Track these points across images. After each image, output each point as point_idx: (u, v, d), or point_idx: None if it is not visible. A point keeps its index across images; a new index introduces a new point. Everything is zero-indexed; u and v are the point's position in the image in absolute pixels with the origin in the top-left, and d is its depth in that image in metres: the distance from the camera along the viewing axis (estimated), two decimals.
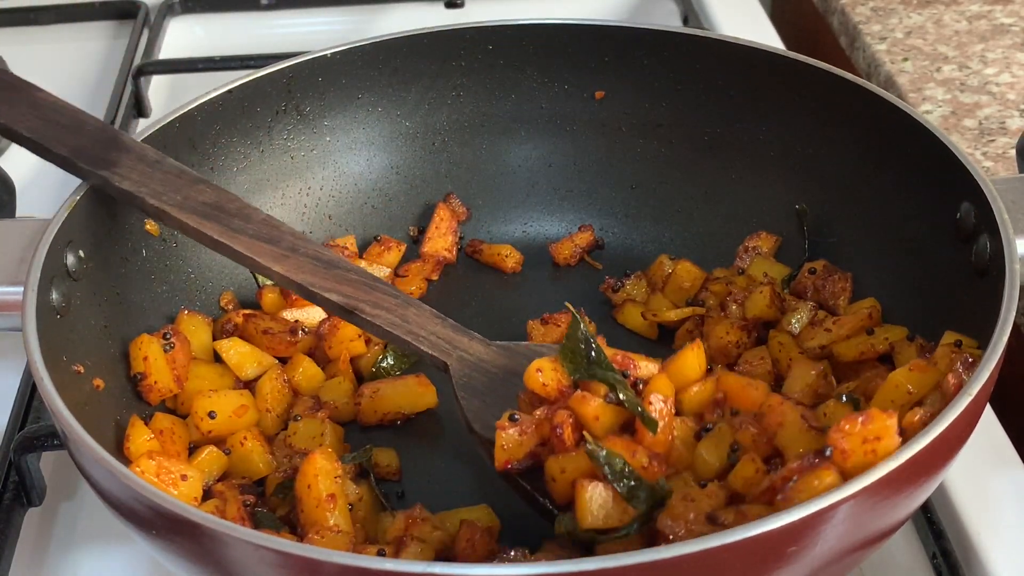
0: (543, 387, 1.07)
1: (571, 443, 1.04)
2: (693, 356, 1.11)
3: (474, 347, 1.18)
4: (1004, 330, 1.00)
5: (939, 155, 1.20)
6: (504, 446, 1.06)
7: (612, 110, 1.49)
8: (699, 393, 1.11)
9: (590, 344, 1.07)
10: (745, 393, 1.10)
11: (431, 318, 1.18)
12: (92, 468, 0.97)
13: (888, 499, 0.91)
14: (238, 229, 1.17)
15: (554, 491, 1.04)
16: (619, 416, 1.05)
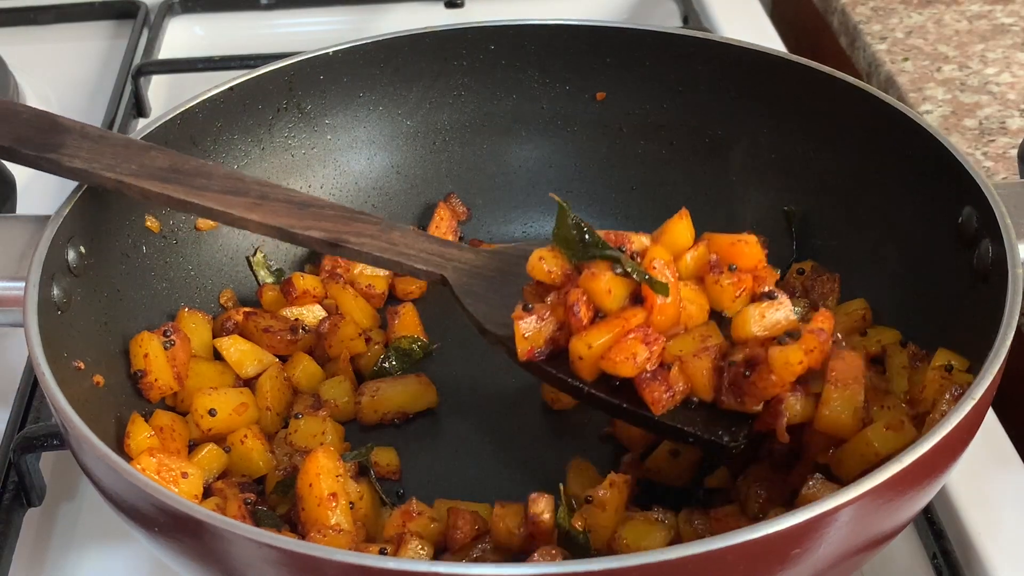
0: (548, 274, 1.09)
1: (588, 320, 1.06)
2: (682, 224, 1.14)
3: (465, 256, 1.20)
4: (1007, 335, 0.99)
5: (940, 159, 1.20)
6: (524, 335, 1.08)
7: (613, 111, 1.49)
8: (695, 258, 1.13)
9: (581, 228, 1.08)
10: (737, 249, 1.13)
11: (417, 237, 1.20)
12: (94, 464, 0.97)
13: (891, 502, 0.91)
14: (202, 187, 1.17)
15: (581, 369, 1.07)
16: (628, 287, 1.07)
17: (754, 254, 1.13)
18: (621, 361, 1.04)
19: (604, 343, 1.05)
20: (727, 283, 1.11)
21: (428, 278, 1.19)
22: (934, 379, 1.09)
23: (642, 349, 1.05)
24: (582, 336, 1.06)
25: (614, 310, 1.06)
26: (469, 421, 1.27)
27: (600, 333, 1.05)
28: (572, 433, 1.25)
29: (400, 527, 1.10)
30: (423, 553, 1.07)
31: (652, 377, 1.05)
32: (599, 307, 1.07)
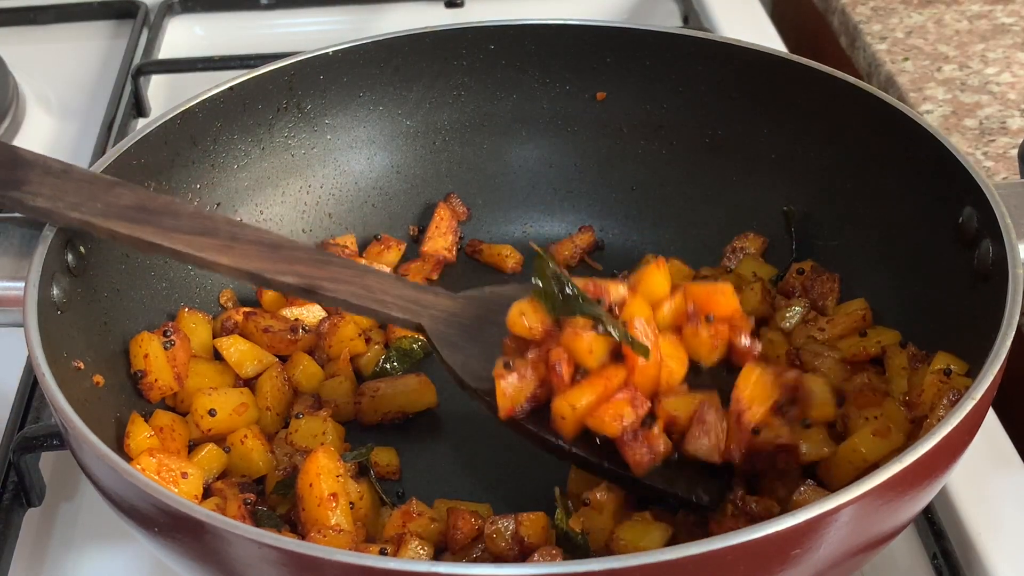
0: (529, 330, 1.08)
1: (569, 378, 1.06)
2: (658, 273, 1.13)
3: (441, 303, 1.17)
4: (1007, 335, 0.99)
5: (941, 159, 1.19)
6: (506, 393, 1.07)
7: (613, 111, 1.49)
8: (672, 309, 1.13)
9: (562, 281, 1.07)
10: (713, 299, 1.13)
11: (393, 282, 1.18)
12: (93, 464, 0.97)
13: (891, 503, 0.91)
14: (171, 228, 1.12)
15: (564, 429, 1.06)
16: (609, 344, 1.06)
17: (730, 304, 1.14)
18: (608, 421, 1.05)
19: (587, 403, 1.05)
20: (705, 335, 1.12)
21: (404, 326, 1.17)
22: (932, 383, 1.09)
23: (629, 411, 1.05)
24: (566, 396, 1.05)
25: (595, 368, 1.06)
26: (469, 421, 1.27)
27: (583, 393, 1.05)
28: None
29: (400, 527, 1.10)
30: (423, 553, 1.07)
31: (634, 438, 1.06)
32: (580, 364, 1.06)
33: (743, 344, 1.14)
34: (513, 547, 1.06)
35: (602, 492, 1.09)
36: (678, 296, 1.13)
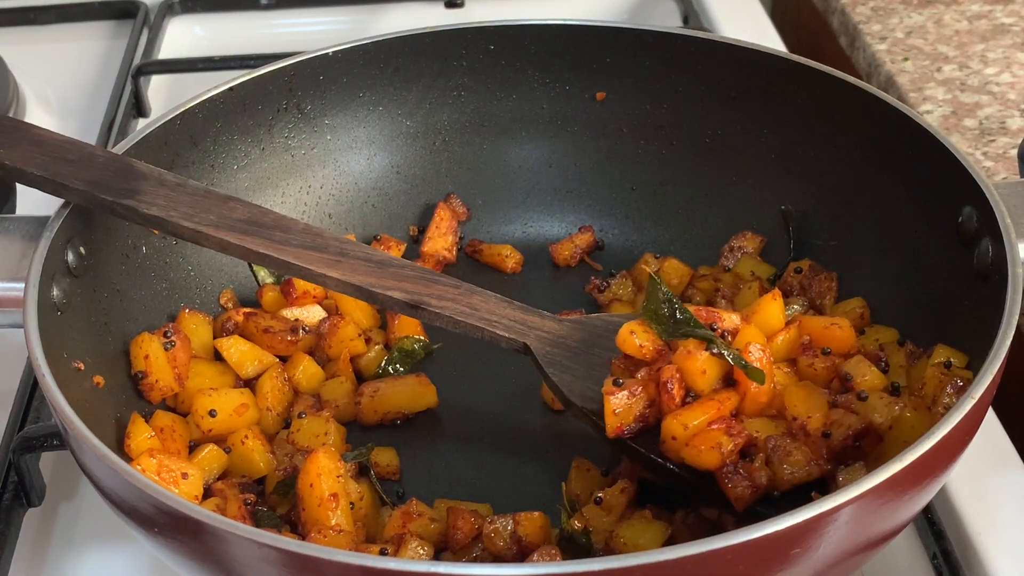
0: (639, 349, 1.08)
1: (679, 399, 1.05)
2: (775, 305, 1.13)
3: (547, 324, 1.18)
4: (1007, 334, 0.99)
5: (940, 159, 1.19)
6: (615, 411, 1.06)
7: (613, 111, 1.49)
8: (786, 340, 1.14)
9: (672, 303, 1.08)
10: (830, 333, 1.15)
11: (498, 303, 1.18)
12: (94, 465, 0.97)
13: (891, 502, 0.91)
14: (282, 241, 1.15)
15: (671, 449, 1.05)
16: (722, 368, 1.06)
17: (848, 338, 1.15)
18: (705, 451, 1.03)
19: (700, 424, 1.03)
20: (821, 367, 1.12)
21: (510, 345, 1.16)
22: (933, 375, 1.09)
23: (727, 440, 1.03)
24: (677, 415, 1.04)
25: (706, 391, 1.05)
26: (469, 421, 1.27)
27: (696, 414, 1.04)
28: (572, 433, 1.25)
29: (400, 527, 1.10)
30: (423, 553, 1.07)
31: (734, 471, 1.03)
32: (691, 387, 1.05)
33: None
34: (512, 547, 1.06)
35: (615, 492, 1.09)
36: (793, 329, 1.15)
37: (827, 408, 1.07)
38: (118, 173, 1.17)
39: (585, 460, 1.18)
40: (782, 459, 1.03)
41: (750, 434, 1.04)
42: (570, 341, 1.17)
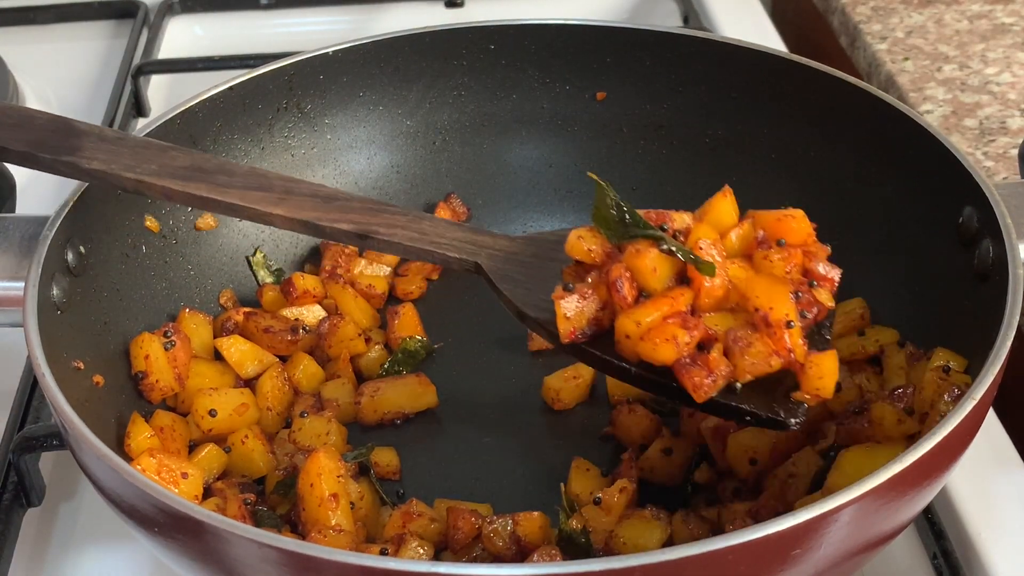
0: (588, 253, 1.07)
1: (632, 299, 1.04)
2: (726, 202, 1.11)
3: (499, 243, 1.18)
4: (1008, 335, 0.99)
5: (941, 159, 1.19)
6: (566, 315, 1.06)
7: (613, 111, 1.49)
8: (740, 236, 1.10)
9: (621, 207, 1.06)
10: (784, 224, 1.10)
11: (448, 226, 1.19)
12: (93, 465, 0.97)
13: (891, 503, 0.90)
14: (225, 184, 1.15)
15: (626, 349, 1.04)
16: (673, 267, 1.05)
17: (802, 228, 1.11)
18: (660, 345, 1.01)
19: (654, 320, 1.02)
20: (777, 258, 1.08)
21: (461, 266, 1.17)
22: (932, 380, 1.09)
23: (682, 334, 1.01)
24: (630, 314, 1.03)
25: (659, 289, 1.04)
26: (469, 421, 1.27)
27: (648, 311, 1.02)
28: (572, 433, 1.25)
29: (400, 527, 1.10)
30: (423, 553, 1.07)
31: (692, 362, 1.02)
32: (643, 286, 1.04)
33: (821, 271, 1.11)
34: (511, 546, 1.06)
35: (615, 493, 1.09)
36: (746, 224, 1.11)
37: (789, 298, 1.04)
38: (58, 132, 1.17)
39: (585, 460, 1.18)
40: (743, 350, 1.01)
41: (707, 327, 1.03)
42: (522, 256, 1.17)
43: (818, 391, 1.03)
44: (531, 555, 1.05)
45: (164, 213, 1.32)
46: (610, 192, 1.06)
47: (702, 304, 1.04)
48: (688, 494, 1.16)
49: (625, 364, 1.05)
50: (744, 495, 1.13)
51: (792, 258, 1.08)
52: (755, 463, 1.13)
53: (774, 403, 1.04)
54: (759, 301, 1.03)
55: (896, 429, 1.07)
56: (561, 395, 1.27)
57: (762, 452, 1.12)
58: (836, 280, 1.11)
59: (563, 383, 1.27)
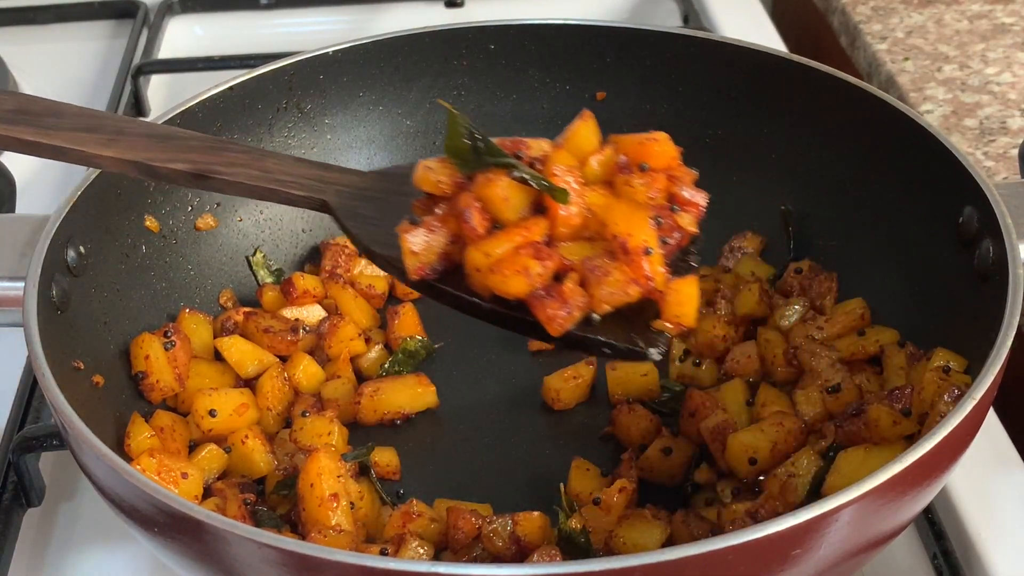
0: (437, 184, 1.01)
1: (484, 231, 0.98)
2: (586, 127, 1.06)
3: (347, 178, 1.12)
4: (1008, 335, 0.99)
5: (941, 159, 1.19)
6: (412, 250, 1.00)
7: (613, 111, 1.48)
8: (601, 161, 1.05)
9: (474, 135, 1.00)
10: (647, 148, 1.05)
11: (294, 163, 1.12)
12: (93, 465, 0.96)
13: (891, 503, 0.90)
14: (52, 127, 1.06)
15: (477, 283, 0.99)
16: (528, 196, 0.99)
17: (666, 152, 1.06)
18: (511, 276, 0.96)
19: (505, 251, 0.97)
20: (639, 184, 1.03)
21: (307, 204, 1.10)
22: (932, 380, 1.09)
23: (534, 264, 0.96)
24: (480, 245, 0.97)
25: (512, 219, 0.98)
26: (469, 421, 1.27)
27: (499, 242, 0.97)
28: (572, 433, 1.25)
29: (400, 527, 1.10)
30: (423, 553, 1.07)
31: (546, 294, 0.96)
32: (496, 217, 0.98)
33: (685, 195, 1.06)
34: (511, 546, 1.06)
35: (614, 493, 1.09)
36: (607, 149, 1.06)
37: (648, 224, 0.99)
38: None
39: (585, 460, 1.18)
40: (599, 279, 0.97)
41: (561, 257, 0.98)
42: (373, 192, 1.11)
43: (679, 319, 0.99)
44: (531, 555, 1.04)
45: (164, 213, 1.32)
46: (463, 121, 1.00)
47: (558, 234, 0.99)
48: (688, 494, 1.16)
49: (477, 299, 1.00)
50: (744, 495, 1.13)
51: (655, 183, 1.04)
52: (755, 463, 1.12)
53: (633, 334, 0.99)
54: (617, 228, 0.98)
55: (892, 430, 1.07)
56: (561, 395, 1.27)
57: (762, 452, 1.12)
58: (702, 205, 1.07)
59: (563, 383, 1.27)
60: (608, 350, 0.98)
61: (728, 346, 1.28)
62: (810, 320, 1.29)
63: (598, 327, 0.98)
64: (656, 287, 0.98)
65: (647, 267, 0.97)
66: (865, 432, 1.09)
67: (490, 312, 1.00)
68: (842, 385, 1.17)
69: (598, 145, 1.06)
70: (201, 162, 1.08)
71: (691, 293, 0.99)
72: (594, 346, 0.98)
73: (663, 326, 1.00)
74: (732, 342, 1.29)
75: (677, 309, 0.99)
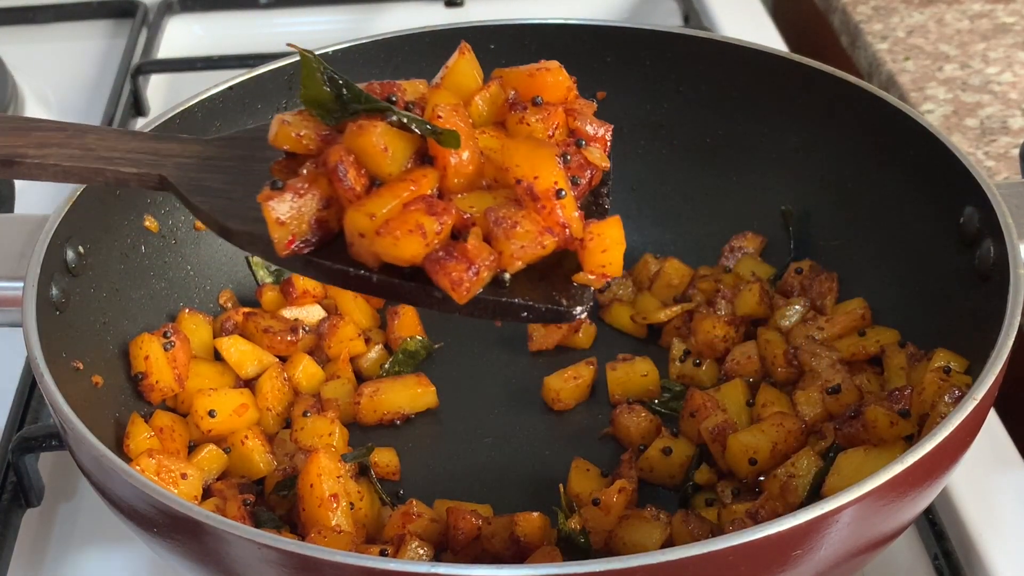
0: (299, 140, 0.88)
1: (361, 188, 0.85)
2: (464, 62, 0.93)
3: (189, 148, 0.99)
4: (1008, 335, 0.99)
5: (942, 159, 1.19)
6: (279, 219, 0.85)
7: (613, 111, 1.47)
8: (488, 99, 0.92)
9: (336, 81, 0.87)
10: (538, 80, 0.93)
11: (120, 136, 0.98)
12: (92, 465, 0.96)
13: (892, 503, 0.90)
14: None
15: (363, 251, 0.85)
16: (410, 144, 0.86)
17: (561, 82, 0.94)
18: (403, 238, 0.83)
19: (392, 210, 0.83)
20: (535, 120, 0.91)
21: (142, 183, 0.96)
22: (932, 381, 1.09)
23: (429, 221, 0.83)
24: (360, 206, 0.83)
25: (394, 173, 0.85)
26: (469, 421, 1.27)
27: (384, 200, 0.83)
28: (572, 433, 1.25)
29: (400, 528, 1.09)
30: (423, 554, 1.06)
31: (446, 256, 0.83)
32: (374, 172, 0.85)
33: (588, 130, 0.95)
34: (510, 547, 1.06)
35: (614, 493, 1.09)
36: (493, 85, 0.93)
37: (556, 163, 0.87)
38: None
39: (585, 460, 1.18)
40: (507, 232, 0.84)
41: (460, 211, 0.85)
42: (222, 161, 0.97)
43: (604, 268, 0.88)
44: (531, 556, 1.04)
45: (164, 213, 1.31)
46: (319, 64, 0.87)
47: (451, 185, 0.87)
48: (688, 494, 1.16)
49: (364, 272, 0.86)
50: (744, 496, 1.13)
51: (553, 117, 0.92)
52: (755, 463, 1.12)
53: (553, 291, 0.87)
54: (520, 170, 0.86)
55: (889, 431, 1.07)
56: (561, 395, 1.27)
57: (762, 452, 1.12)
58: (608, 138, 0.96)
59: (563, 383, 1.27)
60: (527, 313, 0.86)
61: (728, 346, 1.28)
62: (810, 320, 1.29)
63: (511, 288, 0.86)
64: (574, 234, 0.87)
65: (561, 212, 0.86)
66: (863, 434, 1.09)
67: (381, 284, 0.86)
68: (842, 386, 1.17)
69: (481, 81, 0.94)
70: (5, 146, 0.95)
71: (615, 236, 0.87)
72: (509, 311, 0.86)
73: (585, 279, 0.88)
74: (732, 342, 1.29)
75: (601, 257, 0.87)
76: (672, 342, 1.31)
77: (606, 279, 0.88)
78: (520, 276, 0.86)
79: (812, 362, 1.22)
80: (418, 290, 0.85)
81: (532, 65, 0.93)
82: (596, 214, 0.91)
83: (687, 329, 1.32)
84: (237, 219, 0.92)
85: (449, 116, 0.86)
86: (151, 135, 1.00)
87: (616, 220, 0.88)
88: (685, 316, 1.33)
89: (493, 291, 0.85)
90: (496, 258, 0.85)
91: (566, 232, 0.86)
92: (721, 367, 1.28)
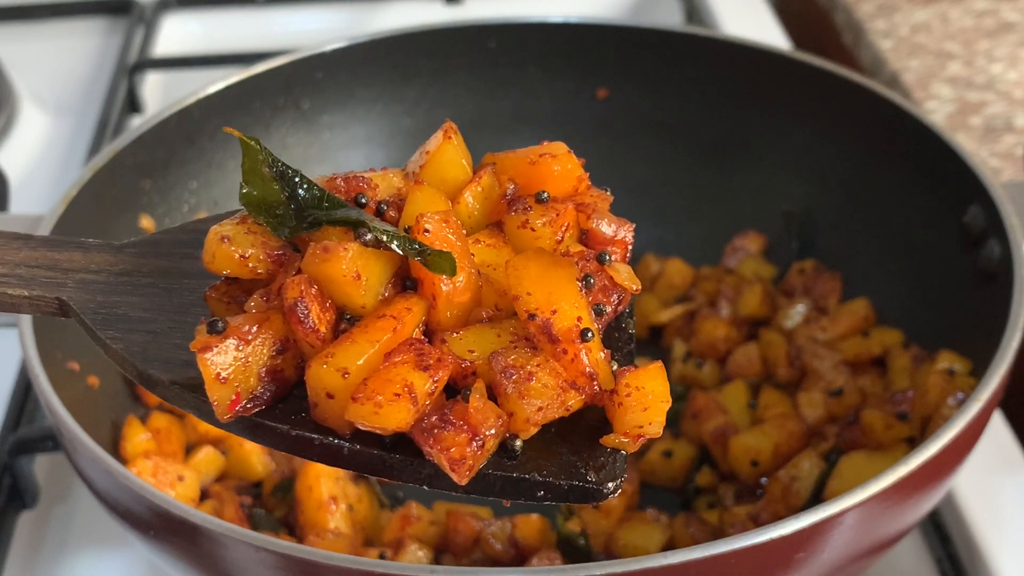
0: (243, 264, 0.69)
1: (328, 328, 0.67)
2: (449, 147, 0.75)
3: (98, 259, 0.77)
4: (1014, 336, 0.99)
5: (946, 158, 1.19)
6: (219, 376, 0.66)
7: (615, 109, 1.48)
8: (480, 195, 0.74)
9: (288, 176, 0.69)
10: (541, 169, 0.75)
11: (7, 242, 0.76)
12: (88, 467, 0.96)
13: (896, 506, 0.90)
14: None
15: (331, 416, 0.67)
16: (388, 263, 0.69)
17: (569, 172, 0.75)
18: (388, 403, 0.64)
19: (371, 361, 0.66)
20: (540, 224, 0.73)
21: (36, 308, 0.75)
22: (936, 383, 1.08)
23: (419, 377, 0.65)
24: (328, 357, 0.65)
25: (370, 306, 0.68)
26: None
27: (359, 347, 0.65)
28: None
29: (399, 531, 1.09)
30: (422, 557, 1.06)
31: (441, 423, 0.66)
32: (344, 306, 0.68)
33: (603, 231, 0.74)
34: (509, 549, 1.05)
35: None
36: (485, 176, 0.75)
37: (577, 289, 0.69)
38: None
39: None
40: (520, 389, 0.66)
41: (458, 358, 0.68)
42: (140, 276, 0.76)
43: (642, 430, 0.68)
44: (530, 558, 1.04)
45: (160, 213, 1.31)
46: (265, 156, 0.70)
47: (442, 319, 0.69)
48: (689, 497, 1.15)
49: (333, 439, 0.68)
50: (746, 498, 1.12)
51: (563, 218, 0.73)
52: (756, 465, 1.12)
53: (576, 460, 0.68)
54: (533, 301, 0.68)
55: (887, 434, 1.07)
56: None
57: (764, 454, 1.11)
58: (629, 240, 0.75)
59: None
60: (544, 491, 0.68)
61: (730, 347, 1.28)
62: (813, 321, 1.28)
63: (523, 459, 0.68)
64: (602, 385, 0.69)
65: (586, 359, 0.67)
66: (863, 438, 1.09)
67: (354, 457, 0.68)
68: (845, 388, 1.17)
69: (470, 170, 0.75)
70: None
71: (659, 392, 0.68)
72: (521, 489, 0.68)
73: (617, 441, 0.69)
74: (734, 343, 1.28)
75: (639, 417, 0.68)
76: (674, 343, 1.30)
77: (642, 440, 0.69)
78: (532, 437, 0.68)
79: (815, 363, 1.22)
80: (403, 464, 0.68)
81: (533, 149, 0.76)
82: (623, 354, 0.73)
83: (689, 330, 1.31)
84: (159, 363, 0.72)
85: (438, 231, 0.68)
86: (47, 240, 0.77)
87: (659, 369, 0.69)
88: (687, 317, 1.33)
89: (499, 463, 0.68)
90: (505, 422, 0.67)
91: (595, 385, 0.68)
92: (723, 368, 1.28)
